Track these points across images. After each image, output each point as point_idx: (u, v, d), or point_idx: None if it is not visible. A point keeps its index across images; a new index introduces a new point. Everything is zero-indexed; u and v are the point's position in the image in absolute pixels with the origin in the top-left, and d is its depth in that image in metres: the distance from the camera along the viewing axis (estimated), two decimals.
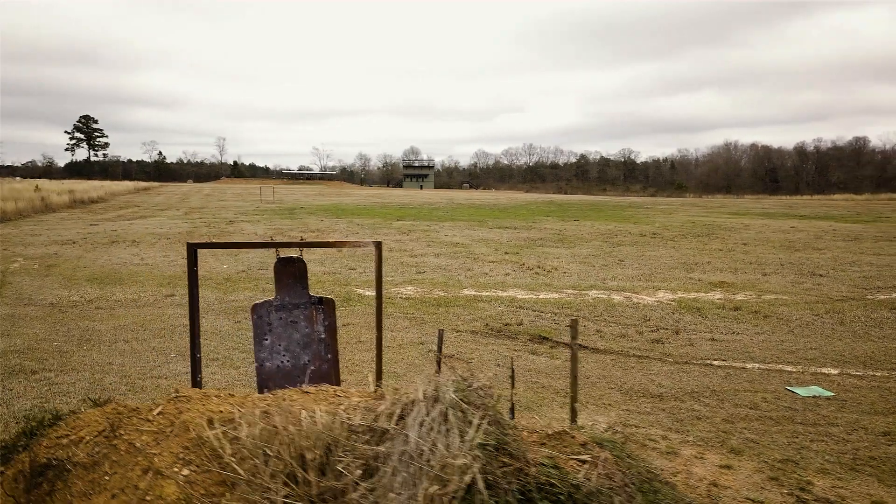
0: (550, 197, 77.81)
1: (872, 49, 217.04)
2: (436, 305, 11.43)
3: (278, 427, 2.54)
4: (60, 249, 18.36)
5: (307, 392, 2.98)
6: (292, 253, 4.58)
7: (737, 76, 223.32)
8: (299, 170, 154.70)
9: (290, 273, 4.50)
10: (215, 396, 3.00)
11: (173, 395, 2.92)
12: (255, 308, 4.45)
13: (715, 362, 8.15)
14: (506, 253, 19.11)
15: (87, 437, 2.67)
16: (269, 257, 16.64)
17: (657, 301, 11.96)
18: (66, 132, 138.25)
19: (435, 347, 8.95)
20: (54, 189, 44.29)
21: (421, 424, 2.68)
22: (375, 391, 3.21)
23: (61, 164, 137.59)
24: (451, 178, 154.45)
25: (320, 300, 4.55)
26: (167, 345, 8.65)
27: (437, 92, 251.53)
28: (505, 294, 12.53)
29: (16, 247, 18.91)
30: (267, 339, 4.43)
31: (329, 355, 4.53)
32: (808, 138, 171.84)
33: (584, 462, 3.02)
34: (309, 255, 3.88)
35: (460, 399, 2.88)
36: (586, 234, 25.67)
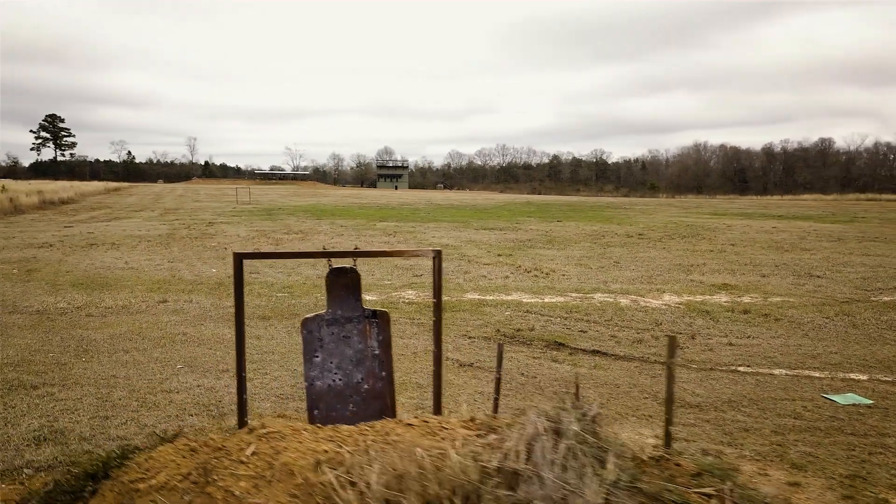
0: (527, 197, 77.91)
1: (835, 52, 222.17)
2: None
3: (401, 470, 2.22)
4: (38, 253, 17.62)
5: (410, 425, 2.66)
6: (345, 263, 4.25)
7: (705, 78, 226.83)
8: (271, 170, 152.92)
9: (343, 284, 4.16)
10: (304, 430, 2.67)
11: (261, 430, 2.59)
12: (306, 322, 4.10)
13: (741, 368, 7.99)
14: (498, 255, 18.87)
15: (175, 484, 2.32)
16: (257, 260, 16.10)
17: (664, 304, 11.81)
18: (31, 131, 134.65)
19: (452, 356, 8.65)
20: (22, 189, 42.87)
21: (552, 463, 2.39)
22: (473, 420, 2.91)
23: (26, 163, 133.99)
24: (426, 178, 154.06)
25: (374, 313, 4.23)
26: (170, 355, 8.21)
27: (411, 92, 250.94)
28: (509, 298, 12.28)
29: None
30: (318, 356, 4.09)
31: (384, 373, 4.20)
32: (775, 139, 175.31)
33: (709, 497, 2.77)
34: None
35: (583, 432, 2.60)
36: (573, 235, 25.58)
